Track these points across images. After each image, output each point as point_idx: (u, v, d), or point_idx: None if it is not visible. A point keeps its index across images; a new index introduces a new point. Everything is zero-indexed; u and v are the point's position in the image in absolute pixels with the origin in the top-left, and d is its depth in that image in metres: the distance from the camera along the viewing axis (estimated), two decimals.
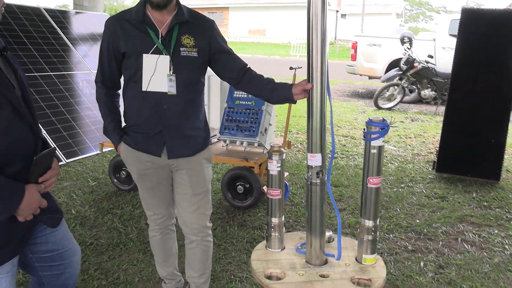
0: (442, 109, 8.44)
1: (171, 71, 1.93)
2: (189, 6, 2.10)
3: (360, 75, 10.25)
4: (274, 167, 2.29)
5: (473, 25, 4.59)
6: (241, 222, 3.46)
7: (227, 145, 3.79)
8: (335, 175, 4.61)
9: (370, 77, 10.26)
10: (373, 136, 2.10)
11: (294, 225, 3.46)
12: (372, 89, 11.44)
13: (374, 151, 2.13)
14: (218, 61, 2.07)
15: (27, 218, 1.46)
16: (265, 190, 3.68)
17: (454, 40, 9.36)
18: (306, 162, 5.00)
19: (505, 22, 4.47)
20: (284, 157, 2.31)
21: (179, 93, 1.96)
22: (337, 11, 40.14)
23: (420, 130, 6.88)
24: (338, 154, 5.52)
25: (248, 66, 2.13)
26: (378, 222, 2.23)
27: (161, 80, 1.93)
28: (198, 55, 1.98)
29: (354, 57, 9.95)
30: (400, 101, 8.67)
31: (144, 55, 1.91)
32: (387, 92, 8.69)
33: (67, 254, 1.71)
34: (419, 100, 9.06)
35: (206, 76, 2.23)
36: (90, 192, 4.01)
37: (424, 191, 4.21)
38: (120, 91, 2.14)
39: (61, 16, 6.72)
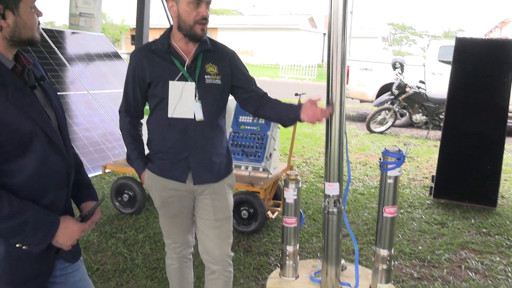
0: (433, 133, 8.62)
1: (196, 98, 1.99)
2: None
3: (352, 98, 10.41)
4: (290, 195, 2.32)
5: (466, 53, 4.74)
6: (247, 248, 3.46)
7: None
8: None
9: (362, 101, 10.43)
10: (389, 166, 2.14)
11: (300, 252, 3.46)
12: (362, 112, 11.61)
13: (390, 181, 2.17)
14: (241, 90, 2.15)
15: (69, 246, 1.46)
16: (270, 215, 3.70)
17: (443, 66, 9.55)
18: (306, 185, 5.04)
19: (495, 50, 4.64)
20: (300, 185, 2.34)
21: (204, 119, 2.01)
22: (324, 34, 40.74)
23: (413, 155, 6.99)
24: None
25: (265, 93, 2.21)
26: (393, 252, 2.26)
27: (187, 107, 1.98)
28: (222, 82, 2.06)
29: (346, 81, 10.11)
30: (392, 125, 8.81)
31: (170, 82, 1.97)
32: (379, 116, 8.83)
33: None
34: (410, 124, 9.22)
35: None
36: None
37: (423, 217, 4.26)
38: (143, 120, 2.17)
39: (58, 36, 6.73)
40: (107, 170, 4.15)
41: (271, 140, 3.68)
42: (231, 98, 2.22)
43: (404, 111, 9.06)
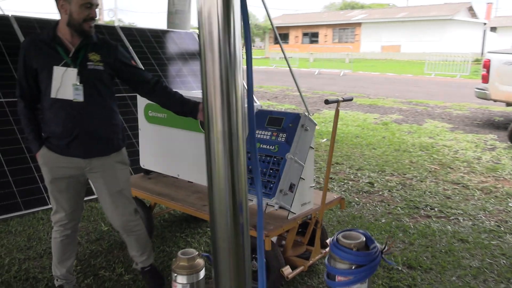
0: None
1: (77, 81, 2.23)
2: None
3: (494, 100, 8.26)
4: None
5: None
6: None
7: None
8: (413, 249, 3.29)
9: (508, 104, 8.18)
10: (339, 279, 0.98)
11: None
12: None
13: None
14: (128, 73, 2.45)
15: None
16: (285, 272, 2.62)
17: None
18: (384, 220, 3.73)
19: None
20: (200, 278, 1.29)
21: (87, 100, 2.25)
22: (485, 23, 35.83)
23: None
24: (435, 211, 4.10)
25: (157, 78, 2.48)
26: None
27: (67, 90, 2.23)
28: (104, 68, 2.33)
29: (486, 79, 8.03)
30: None
31: (54, 67, 2.22)
32: None
33: None
34: None
35: None
36: None
37: None
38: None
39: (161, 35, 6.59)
40: None
41: (292, 165, 2.56)
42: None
43: None
